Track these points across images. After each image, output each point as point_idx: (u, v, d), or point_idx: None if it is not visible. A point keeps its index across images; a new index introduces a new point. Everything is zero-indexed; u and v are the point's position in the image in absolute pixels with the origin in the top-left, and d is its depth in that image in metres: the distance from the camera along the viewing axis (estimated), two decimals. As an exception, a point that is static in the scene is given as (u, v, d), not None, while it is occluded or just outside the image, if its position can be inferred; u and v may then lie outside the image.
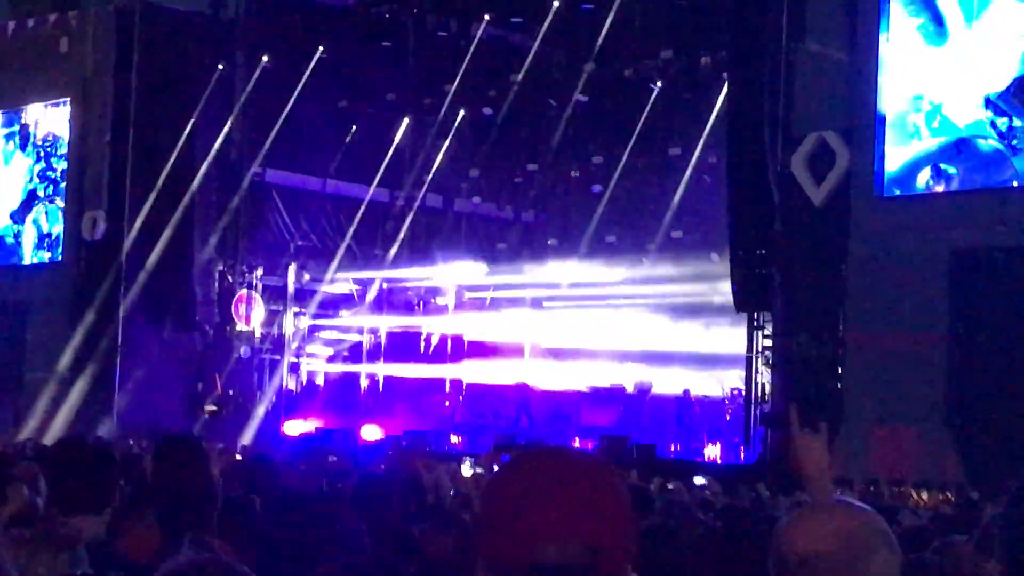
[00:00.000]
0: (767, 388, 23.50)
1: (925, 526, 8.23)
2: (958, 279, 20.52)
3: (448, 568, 4.97)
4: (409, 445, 23.68)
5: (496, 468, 4.36)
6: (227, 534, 5.39)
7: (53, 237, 32.42)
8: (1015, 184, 20.37)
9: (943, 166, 21.15)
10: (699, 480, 13.95)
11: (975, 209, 20.51)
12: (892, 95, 21.60)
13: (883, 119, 21.57)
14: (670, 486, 13.67)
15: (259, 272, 31.84)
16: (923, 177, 21.34)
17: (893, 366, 20.58)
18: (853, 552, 2.78)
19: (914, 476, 19.75)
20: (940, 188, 21.31)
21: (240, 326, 31.25)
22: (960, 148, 20.92)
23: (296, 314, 32.85)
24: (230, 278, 31.29)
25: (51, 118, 32.65)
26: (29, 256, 32.79)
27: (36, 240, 32.66)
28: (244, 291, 31.38)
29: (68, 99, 31.97)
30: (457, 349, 31.86)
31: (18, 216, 32.95)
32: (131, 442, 20.46)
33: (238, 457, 14.05)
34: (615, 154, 30.62)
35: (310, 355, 33.47)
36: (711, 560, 4.47)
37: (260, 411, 31.10)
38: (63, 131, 32.26)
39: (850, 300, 21.62)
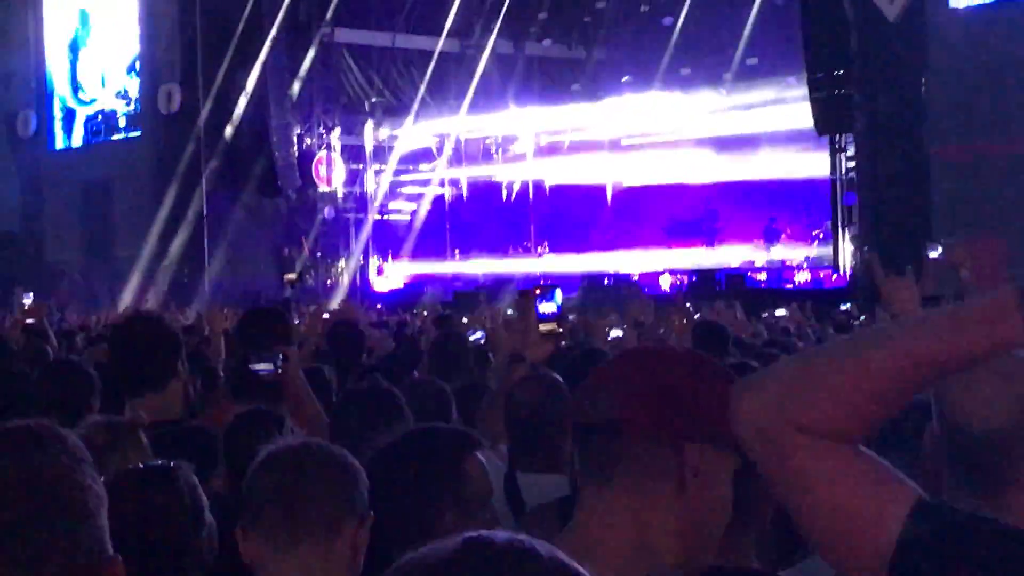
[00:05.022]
0: (854, 210, 23.25)
1: None
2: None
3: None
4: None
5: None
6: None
7: (132, 113, 32.68)
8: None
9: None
10: (780, 312, 13.78)
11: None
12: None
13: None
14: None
15: (336, 132, 31.87)
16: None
17: (979, 177, 20.24)
18: None
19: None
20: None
21: (322, 188, 31.38)
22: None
23: (376, 172, 32.94)
24: (308, 140, 31.35)
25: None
26: (111, 133, 33.15)
27: (124, 116, 33.01)
28: (323, 152, 31.45)
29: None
30: (539, 195, 31.86)
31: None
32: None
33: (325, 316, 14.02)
34: (684, -17, 30.00)
35: (393, 211, 33.60)
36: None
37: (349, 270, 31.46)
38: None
39: (932, 115, 21.19)
